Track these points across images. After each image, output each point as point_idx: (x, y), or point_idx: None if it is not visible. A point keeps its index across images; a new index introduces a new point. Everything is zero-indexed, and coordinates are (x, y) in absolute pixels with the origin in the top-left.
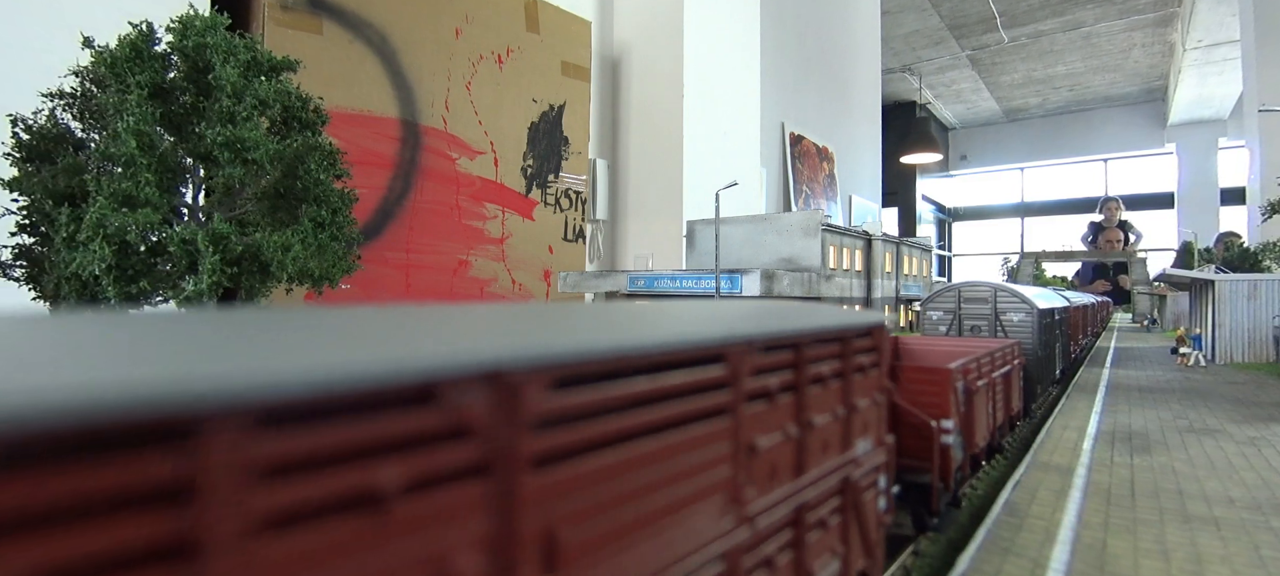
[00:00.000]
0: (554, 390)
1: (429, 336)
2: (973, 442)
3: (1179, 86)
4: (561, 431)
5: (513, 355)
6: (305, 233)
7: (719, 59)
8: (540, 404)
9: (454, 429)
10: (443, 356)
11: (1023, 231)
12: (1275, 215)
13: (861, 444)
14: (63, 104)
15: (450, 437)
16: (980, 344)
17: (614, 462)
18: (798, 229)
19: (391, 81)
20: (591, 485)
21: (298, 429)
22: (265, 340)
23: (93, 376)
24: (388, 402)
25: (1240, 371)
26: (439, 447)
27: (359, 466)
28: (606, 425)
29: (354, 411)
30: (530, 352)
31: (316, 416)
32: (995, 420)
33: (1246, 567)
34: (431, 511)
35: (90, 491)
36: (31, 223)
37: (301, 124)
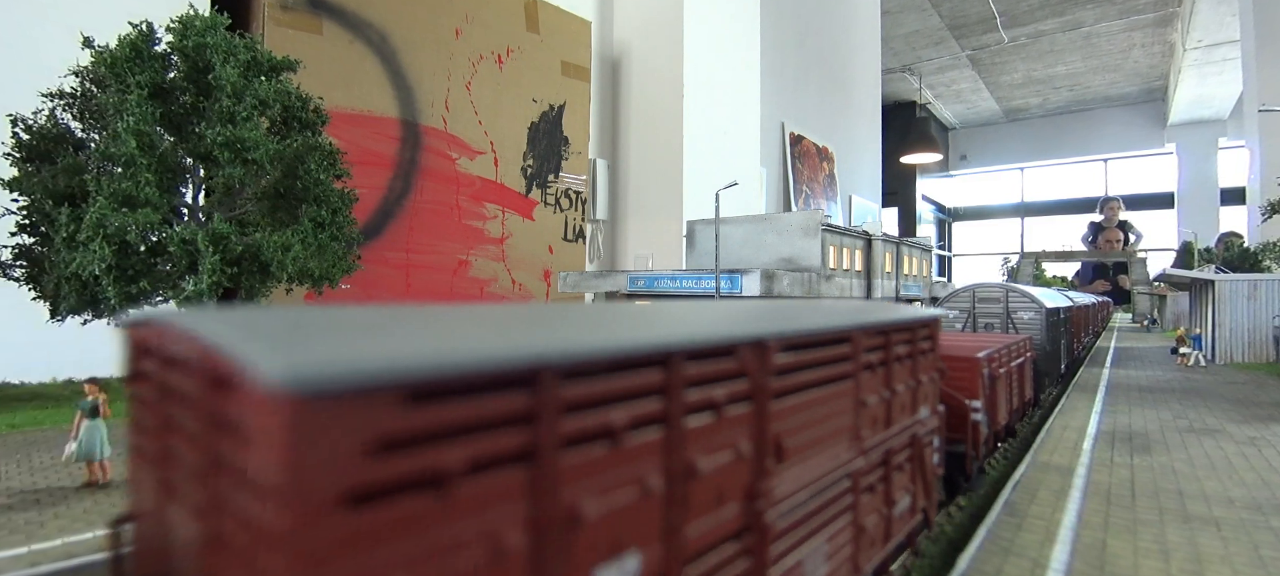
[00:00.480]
0: (783, 352)
1: (709, 323)
2: (996, 421)
3: (1179, 86)
4: (784, 378)
5: (766, 330)
6: (305, 233)
7: (719, 59)
8: (777, 360)
9: (739, 372)
10: (738, 329)
11: (1023, 231)
12: (1275, 215)
13: (923, 410)
14: (63, 104)
15: (737, 377)
16: (998, 338)
17: (803, 402)
18: (798, 229)
19: (391, 81)
20: (794, 414)
21: (582, 382)
22: (550, 325)
23: (492, 346)
24: (702, 355)
25: (1240, 371)
26: (734, 383)
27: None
28: (800, 377)
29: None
30: (773, 328)
31: (598, 373)
32: (1012, 404)
33: (1246, 567)
34: (725, 422)
35: (491, 413)
36: (31, 223)
37: (301, 124)
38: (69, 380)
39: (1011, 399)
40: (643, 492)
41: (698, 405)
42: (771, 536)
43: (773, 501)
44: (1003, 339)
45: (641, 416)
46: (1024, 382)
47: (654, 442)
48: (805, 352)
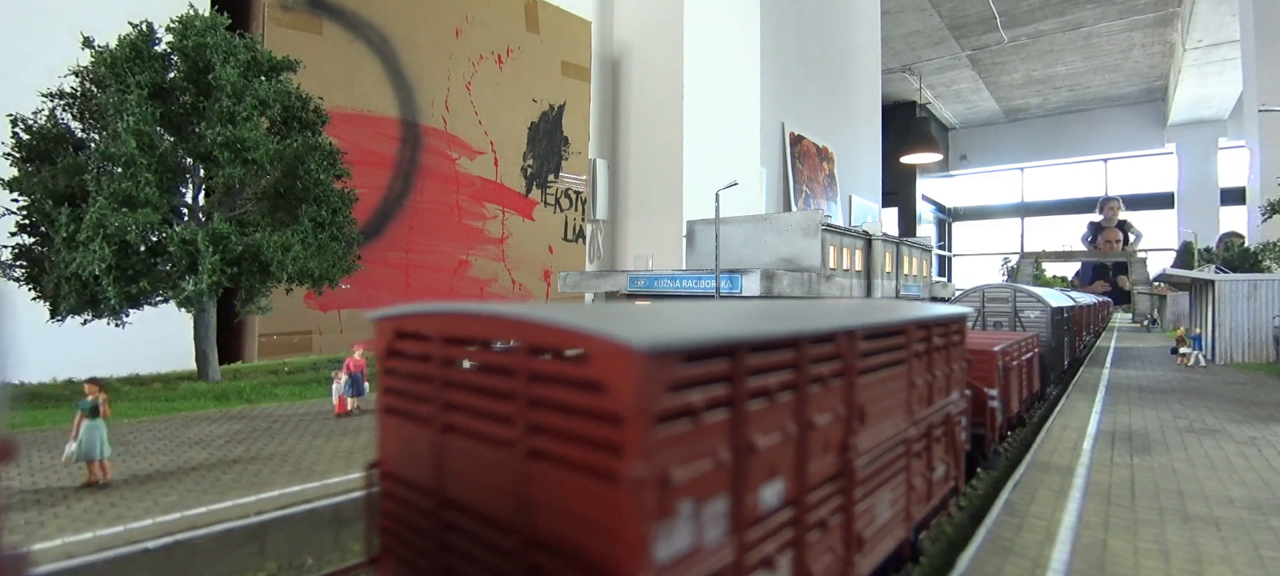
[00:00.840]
0: (864, 340)
1: (815, 317)
2: (1009, 409)
3: (1179, 86)
4: (865, 360)
5: (854, 323)
6: (305, 232)
7: (719, 59)
8: (860, 347)
9: (837, 354)
10: (835, 322)
11: (1023, 231)
12: (1275, 215)
13: (955, 394)
14: (63, 104)
15: (836, 358)
16: (1010, 335)
17: (875, 380)
18: (798, 229)
19: (391, 81)
20: (870, 388)
21: (758, 355)
22: (731, 318)
23: (711, 331)
24: (817, 340)
25: (1240, 371)
26: (834, 362)
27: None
28: (874, 360)
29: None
30: (858, 322)
31: (762, 350)
32: (1022, 394)
33: (1246, 567)
34: (829, 392)
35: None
36: (31, 223)
37: (301, 124)
38: (69, 380)
39: (1022, 389)
40: (784, 437)
41: (816, 377)
42: (856, 481)
43: (858, 454)
44: (1013, 336)
45: (784, 383)
46: (1032, 376)
47: (790, 402)
48: (877, 341)
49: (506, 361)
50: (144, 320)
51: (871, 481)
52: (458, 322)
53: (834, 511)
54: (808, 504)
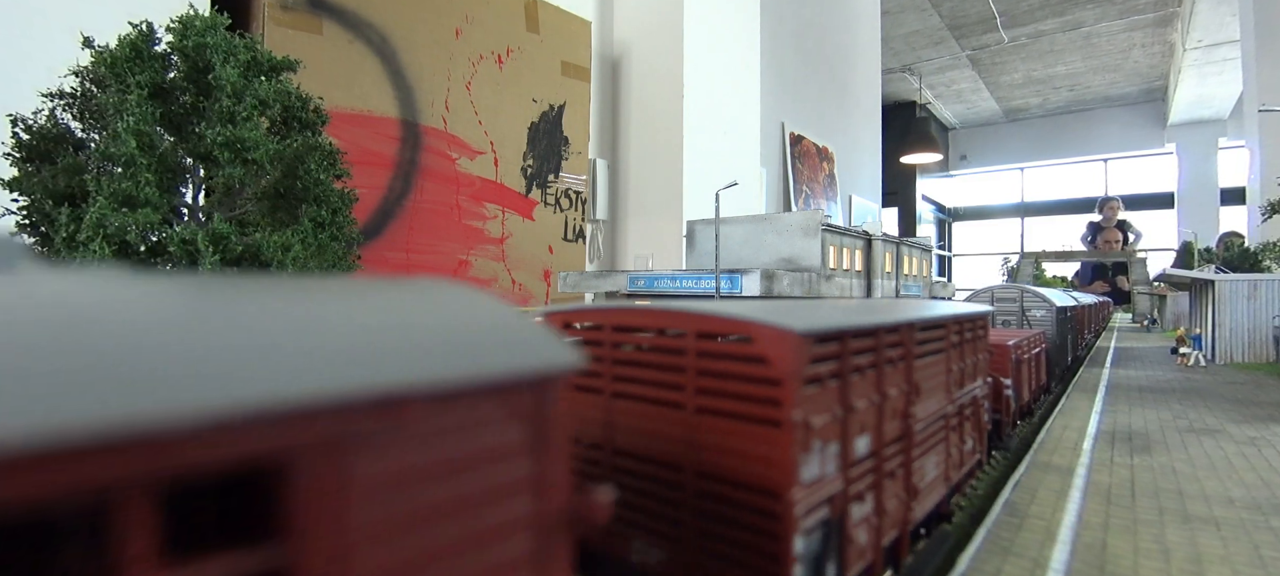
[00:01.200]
0: (919, 332)
1: (882, 313)
2: (1021, 398)
3: (1179, 86)
4: (919, 348)
5: (912, 318)
6: (305, 232)
7: (719, 59)
8: (917, 337)
9: (901, 342)
10: (899, 317)
11: (1023, 231)
12: (1275, 215)
13: (979, 381)
14: (63, 104)
15: (900, 345)
16: (1020, 332)
17: (926, 364)
18: (798, 229)
19: (391, 81)
20: (922, 370)
21: (856, 340)
22: (870, 310)
23: (827, 321)
24: (887, 331)
25: (1240, 371)
26: (899, 348)
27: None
28: (925, 348)
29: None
30: (914, 317)
31: (855, 337)
32: (1032, 386)
33: (1246, 567)
34: (896, 370)
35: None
36: (31, 223)
37: (301, 124)
38: None
39: (1031, 381)
40: (869, 403)
41: (888, 359)
42: (914, 443)
43: (915, 421)
44: (1023, 333)
45: (869, 362)
46: (1040, 369)
47: (873, 377)
48: (927, 332)
49: (678, 344)
50: None
51: (924, 444)
52: (624, 316)
53: (899, 465)
54: (883, 456)
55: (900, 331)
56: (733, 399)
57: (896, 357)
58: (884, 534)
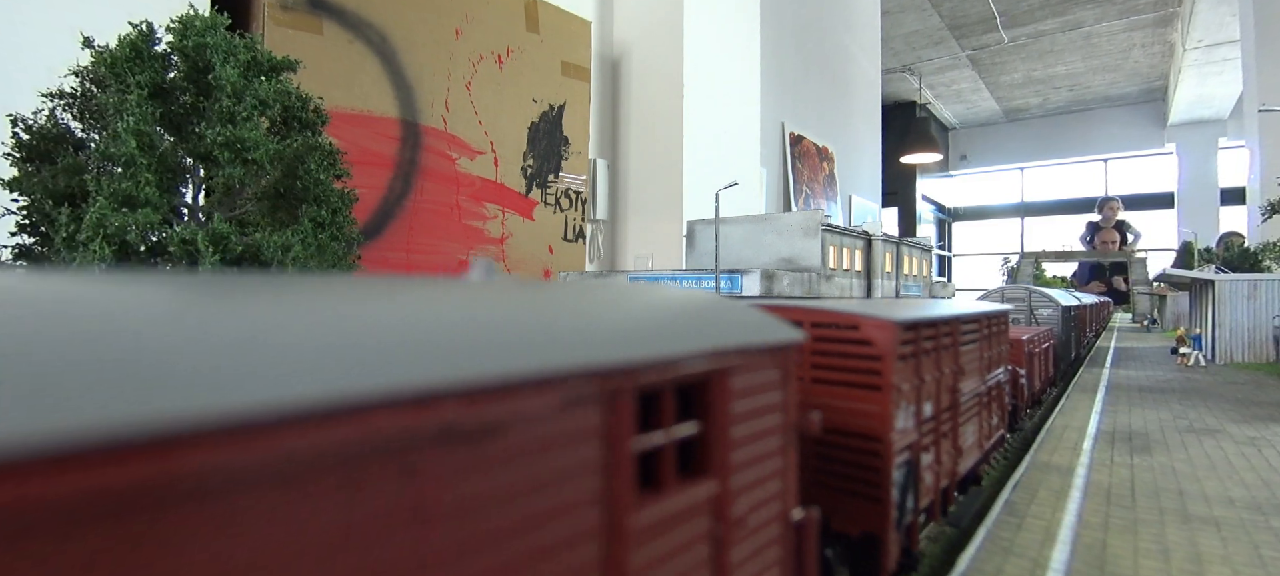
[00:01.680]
0: (963, 326)
1: (936, 310)
2: (1033, 386)
3: (1179, 86)
4: (961, 338)
5: (958, 314)
6: (305, 233)
7: (719, 59)
8: (962, 330)
9: (950, 333)
10: (950, 312)
11: (1023, 231)
12: (1275, 215)
13: (1002, 368)
14: (63, 104)
15: (949, 335)
16: (1032, 329)
17: (965, 351)
18: (798, 229)
19: (391, 81)
20: (964, 356)
21: (924, 328)
22: (930, 307)
23: (927, 313)
24: (939, 324)
25: (1240, 371)
26: (946, 338)
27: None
28: (965, 338)
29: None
30: (959, 314)
31: (920, 327)
32: (1042, 376)
33: (1246, 567)
34: (942, 355)
35: (929, 336)
36: (31, 223)
37: (301, 124)
38: None
39: (1042, 372)
40: (931, 378)
41: (941, 346)
42: (959, 412)
43: (960, 395)
44: (1034, 329)
45: (930, 348)
46: (1048, 362)
47: (933, 358)
48: (968, 326)
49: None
50: None
51: (965, 414)
52: None
53: (949, 428)
54: (939, 419)
55: (951, 324)
56: (844, 371)
57: (948, 344)
58: (940, 480)
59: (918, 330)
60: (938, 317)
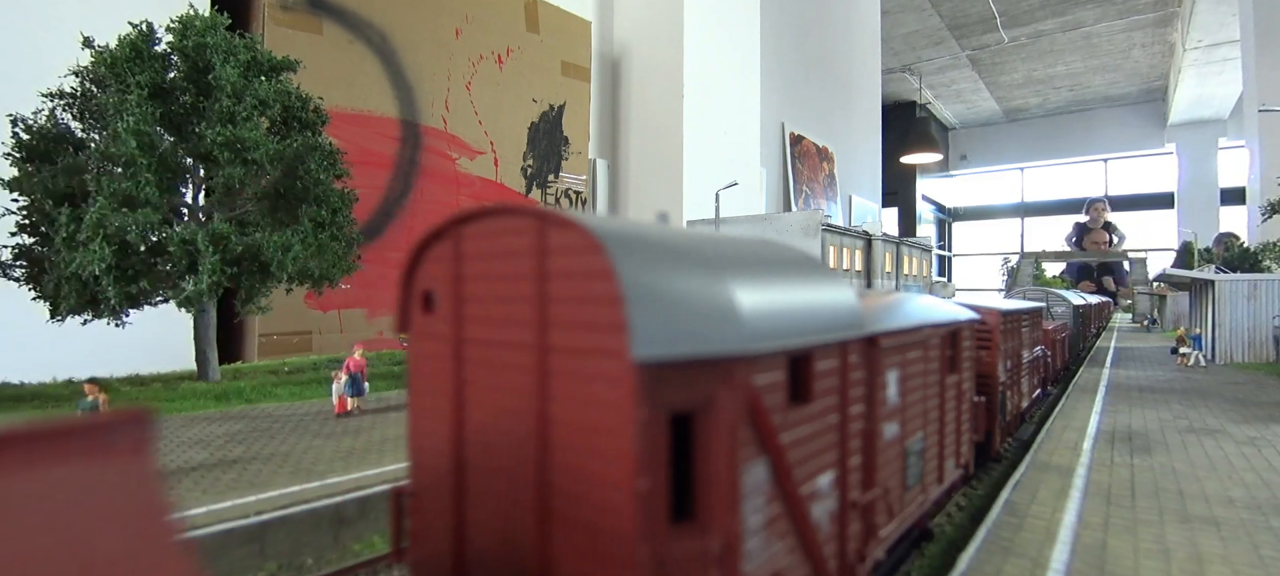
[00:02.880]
0: (1021, 318)
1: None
2: (1056, 365)
3: (1179, 86)
4: (1011, 328)
5: (1013, 309)
6: (305, 232)
7: (719, 59)
8: (1021, 321)
9: (1000, 326)
10: (1000, 307)
11: (1023, 231)
12: (1275, 215)
13: (1040, 348)
14: (63, 104)
15: (997, 329)
16: (1052, 322)
17: (1022, 335)
18: (798, 229)
19: (391, 81)
20: (1024, 336)
21: (1010, 320)
22: (1007, 304)
23: (1011, 308)
24: (1024, 315)
25: (1240, 371)
26: (1016, 325)
27: None
28: (1015, 327)
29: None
30: (1015, 309)
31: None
32: (1062, 357)
33: (1246, 567)
34: (1003, 339)
35: (1011, 323)
36: (31, 222)
37: (301, 124)
38: (69, 380)
39: (1061, 354)
40: (1012, 347)
41: (1015, 327)
42: (1020, 371)
43: (1022, 360)
44: (1054, 322)
45: (1012, 331)
46: (1066, 348)
47: (1012, 334)
48: (1027, 316)
49: (1002, 339)
50: (144, 320)
51: (1023, 373)
52: None
53: (1016, 380)
54: (1012, 374)
55: (1020, 315)
56: (975, 338)
57: (1017, 328)
58: (1012, 409)
59: (1007, 317)
60: (1014, 310)
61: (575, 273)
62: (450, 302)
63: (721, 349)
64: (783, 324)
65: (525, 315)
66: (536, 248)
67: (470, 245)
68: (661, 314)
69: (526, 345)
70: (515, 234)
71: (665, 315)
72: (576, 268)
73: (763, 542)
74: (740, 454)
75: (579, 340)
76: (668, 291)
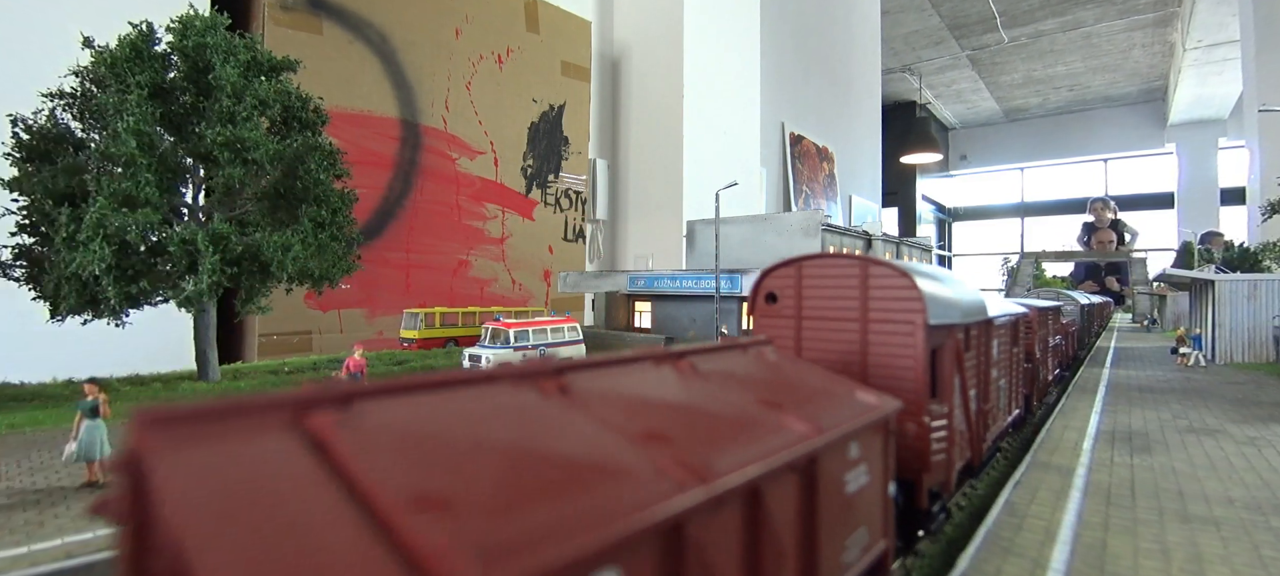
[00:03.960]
0: (1050, 315)
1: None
2: (1069, 351)
3: (1179, 86)
4: (1045, 323)
5: (1053, 304)
6: (305, 232)
7: (719, 59)
8: (1049, 314)
9: (1057, 315)
10: (1040, 304)
11: (1023, 231)
12: (1275, 215)
13: (1059, 335)
14: (63, 104)
15: (1046, 316)
16: (1065, 317)
17: (1050, 323)
18: (798, 229)
19: (392, 81)
20: (1052, 326)
21: (1045, 315)
22: (1057, 301)
23: (1064, 303)
24: (1054, 311)
25: (1240, 371)
26: (1052, 317)
27: None
28: (1047, 320)
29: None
30: (1054, 305)
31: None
32: (1072, 345)
33: (1246, 567)
34: (1041, 329)
35: (1044, 316)
36: (31, 223)
37: (301, 124)
38: (69, 380)
39: (1073, 343)
40: (1041, 335)
41: (1042, 321)
42: (1048, 353)
43: (1049, 344)
44: (1066, 318)
45: (1041, 322)
46: (1076, 337)
47: (1042, 327)
48: (1054, 313)
49: (1038, 327)
50: (144, 320)
51: (1049, 354)
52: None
53: (1045, 357)
54: (1045, 354)
55: (1047, 311)
56: (1022, 329)
57: (1044, 320)
58: (1042, 379)
59: (1040, 312)
60: (1043, 307)
61: (891, 286)
62: (792, 299)
63: (949, 321)
64: (963, 313)
65: (852, 306)
66: (862, 275)
67: (809, 270)
68: (932, 305)
69: (854, 319)
70: (847, 266)
71: (933, 306)
72: (892, 284)
73: (960, 414)
74: (952, 371)
75: (892, 316)
76: (932, 294)
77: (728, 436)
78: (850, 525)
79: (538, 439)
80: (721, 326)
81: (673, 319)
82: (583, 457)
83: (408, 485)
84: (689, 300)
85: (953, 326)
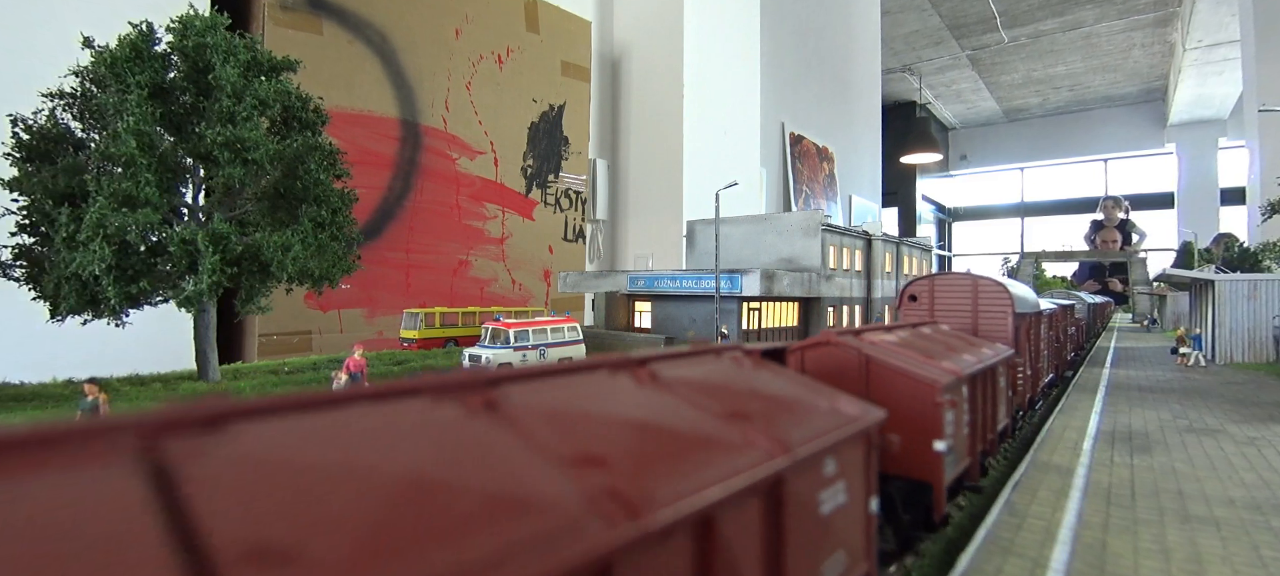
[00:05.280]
0: (1071, 313)
1: None
2: (1079, 341)
3: (1179, 86)
4: (1060, 318)
5: (1066, 303)
6: (305, 232)
7: (719, 59)
8: (1065, 311)
9: (1070, 310)
10: (1054, 303)
11: (1023, 231)
12: (1275, 215)
13: (1073, 326)
14: (63, 104)
15: (1063, 312)
16: (1074, 313)
17: (1065, 319)
18: (798, 229)
19: (392, 81)
20: (1069, 321)
21: (1065, 312)
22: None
23: (1065, 302)
24: (1072, 308)
25: (1240, 371)
26: (1066, 314)
27: None
28: (1057, 315)
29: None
30: (1069, 303)
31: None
32: (1080, 337)
33: (1246, 567)
34: (1047, 327)
35: (1061, 314)
36: (31, 222)
37: (301, 124)
38: (69, 380)
39: (1083, 332)
40: (1058, 329)
41: (1062, 316)
42: (1063, 343)
43: (1063, 335)
44: (1076, 314)
45: (1058, 316)
46: (1083, 332)
47: (1058, 322)
48: (1069, 311)
49: (1062, 318)
50: (144, 320)
51: (1069, 338)
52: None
53: (1059, 347)
54: (1067, 337)
55: (1068, 307)
56: (1071, 317)
57: (1067, 313)
58: (1057, 364)
59: (1064, 307)
60: (1064, 304)
61: (992, 290)
62: (927, 299)
63: (1027, 311)
64: (1031, 307)
65: (967, 301)
66: (973, 286)
67: (940, 282)
68: (1016, 302)
69: (967, 309)
70: (963, 280)
71: (1017, 302)
72: (993, 292)
73: (1028, 365)
74: (1026, 340)
75: (993, 306)
76: (1017, 295)
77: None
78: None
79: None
80: (721, 326)
81: (673, 319)
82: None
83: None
84: (689, 300)
85: (1026, 314)
